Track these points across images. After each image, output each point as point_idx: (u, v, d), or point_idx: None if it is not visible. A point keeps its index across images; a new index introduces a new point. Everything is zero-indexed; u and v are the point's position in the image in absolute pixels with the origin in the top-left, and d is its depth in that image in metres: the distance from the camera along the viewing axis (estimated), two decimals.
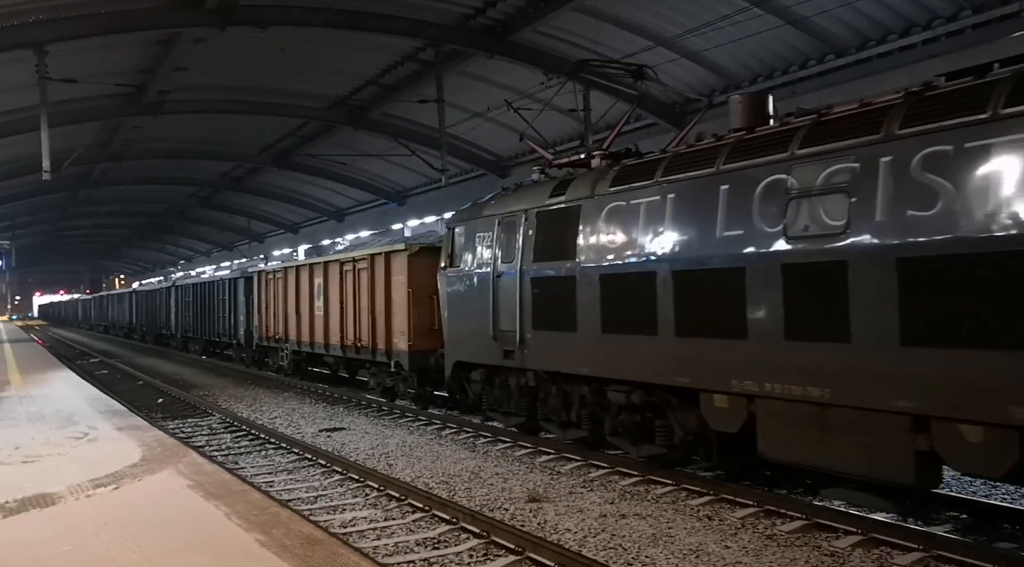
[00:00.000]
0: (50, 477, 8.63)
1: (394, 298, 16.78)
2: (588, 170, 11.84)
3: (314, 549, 6.04)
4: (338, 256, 20.19)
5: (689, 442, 9.94)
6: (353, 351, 18.66)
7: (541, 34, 22.16)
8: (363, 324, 18.03)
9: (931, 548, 7.30)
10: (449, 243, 14.18)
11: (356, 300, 18.40)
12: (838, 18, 17.67)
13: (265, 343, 24.91)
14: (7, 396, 16.20)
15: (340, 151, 34.41)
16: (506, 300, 12.40)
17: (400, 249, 16.76)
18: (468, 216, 13.77)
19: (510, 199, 12.83)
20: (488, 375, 13.42)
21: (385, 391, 17.83)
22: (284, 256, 54.20)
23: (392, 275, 16.90)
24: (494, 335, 12.62)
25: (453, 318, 13.97)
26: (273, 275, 24.12)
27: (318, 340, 20.69)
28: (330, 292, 19.88)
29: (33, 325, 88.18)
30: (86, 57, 23.02)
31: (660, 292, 9.68)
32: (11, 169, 35.04)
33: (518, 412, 12.91)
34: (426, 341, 15.87)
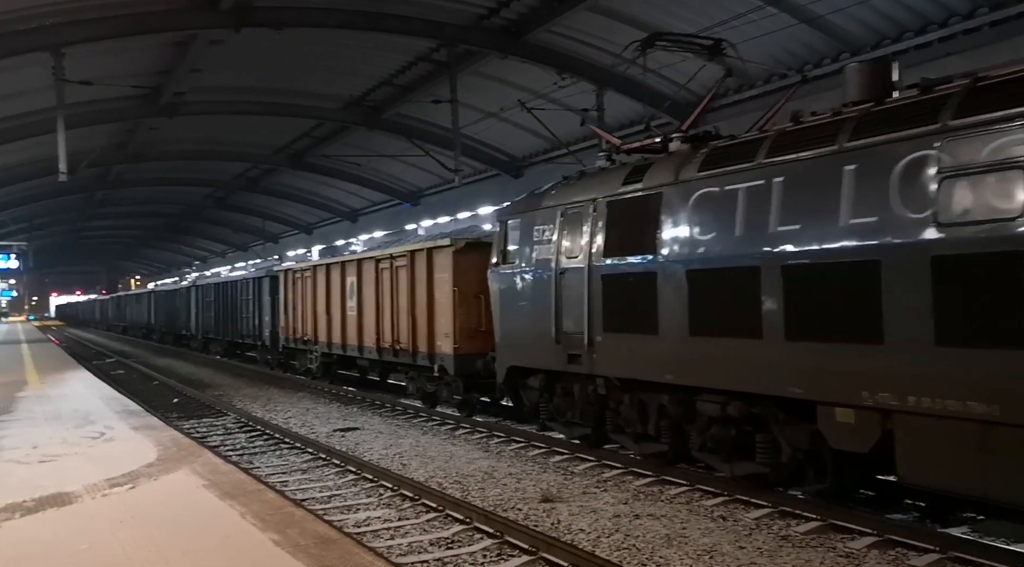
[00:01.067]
0: (67, 476, 8.69)
1: (437, 298, 15.78)
2: (667, 154, 10.65)
3: (328, 548, 6.06)
4: (373, 253, 19.14)
5: (798, 461, 8.76)
6: (390, 354, 17.68)
7: (555, 34, 22.14)
8: (402, 325, 17.04)
9: (947, 549, 7.25)
10: (502, 238, 13.09)
11: (394, 300, 17.41)
12: (853, 16, 17.56)
13: (292, 345, 23.92)
14: (25, 396, 16.33)
15: (354, 152, 34.50)
16: (571, 299, 11.30)
17: (444, 245, 15.68)
18: (524, 208, 12.70)
19: (574, 188, 11.70)
20: (548, 382, 12.28)
21: (425, 397, 16.82)
22: (298, 257, 54.35)
23: (435, 273, 15.88)
24: (556, 338, 11.53)
25: (507, 319, 12.89)
26: (301, 274, 23.07)
27: (351, 342, 19.72)
28: (364, 291, 18.88)
29: (50, 325, 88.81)
30: (102, 59, 23.17)
31: (766, 290, 8.48)
32: (29, 171, 35.30)
33: (583, 423, 11.81)
34: (473, 344, 14.87)
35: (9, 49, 19.79)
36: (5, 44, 19.58)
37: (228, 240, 67.74)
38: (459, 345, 15.01)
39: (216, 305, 32.85)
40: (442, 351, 15.53)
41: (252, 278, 28.51)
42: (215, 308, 33.02)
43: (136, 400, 16.97)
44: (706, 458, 9.90)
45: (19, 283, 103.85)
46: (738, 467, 9.41)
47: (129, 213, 59.87)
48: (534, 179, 30.66)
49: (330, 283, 20.93)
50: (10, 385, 18.36)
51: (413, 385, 17.36)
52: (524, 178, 31.55)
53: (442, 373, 15.66)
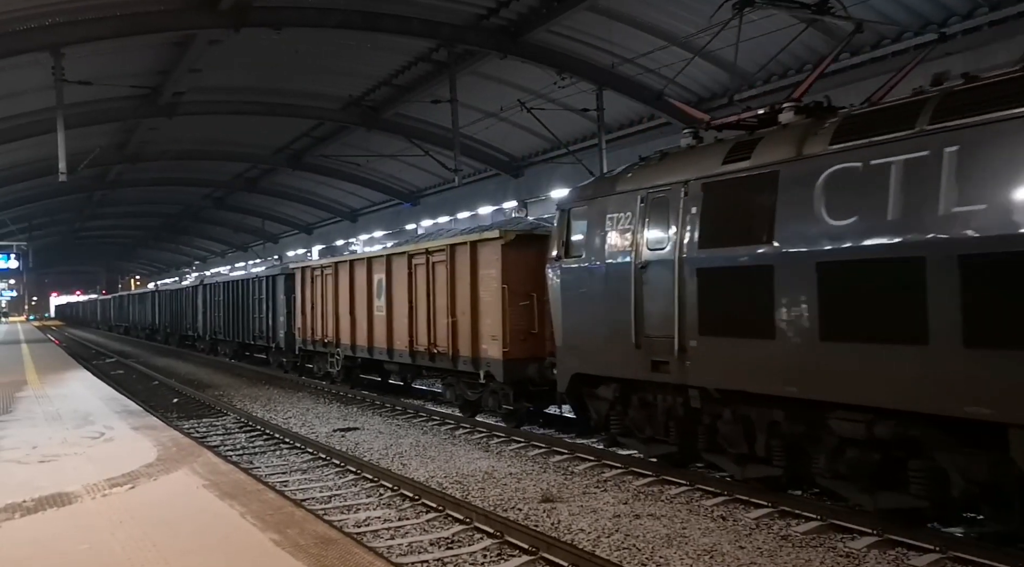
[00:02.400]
0: (67, 476, 8.68)
1: (483, 296, 14.37)
2: (779, 127, 9.23)
3: (328, 548, 6.06)
4: (405, 248, 17.56)
5: (970, 494, 7.24)
6: (426, 358, 16.24)
7: (554, 34, 22.15)
8: (439, 327, 15.70)
9: (947, 549, 7.25)
10: (564, 228, 11.65)
11: (430, 299, 16.03)
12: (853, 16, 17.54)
13: (310, 347, 22.45)
14: (24, 396, 16.32)
15: (354, 152, 34.50)
16: (656, 297, 9.89)
17: (491, 237, 14.18)
18: (593, 194, 11.26)
19: (658, 170, 10.30)
20: (623, 391, 10.84)
21: (465, 405, 15.51)
22: (298, 257, 54.35)
23: (480, 268, 14.44)
24: (636, 342, 10.09)
25: (571, 321, 11.41)
26: (321, 271, 21.61)
27: (378, 344, 18.31)
28: (395, 289, 17.51)
29: (50, 325, 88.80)
30: (102, 59, 23.17)
31: (935, 284, 7.00)
32: (28, 171, 35.31)
33: (667, 439, 10.34)
34: (524, 348, 13.59)
35: (9, 49, 19.79)
36: (4, 44, 19.57)
37: (227, 240, 67.74)
38: (509, 349, 13.63)
39: (226, 305, 31.46)
40: (489, 355, 14.15)
41: (266, 276, 27.03)
42: (224, 308, 31.61)
43: (136, 400, 16.97)
44: (835, 486, 8.40)
45: (19, 283, 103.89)
46: (883, 499, 7.89)
47: (128, 213, 59.87)
48: (533, 179, 30.72)
49: (354, 281, 19.52)
50: (10, 385, 18.35)
51: (451, 392, 15.97)
52: (523, 178, 31.57)
53: (488, 380, 14.26)
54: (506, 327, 13.71)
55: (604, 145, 24.62)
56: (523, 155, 31.43)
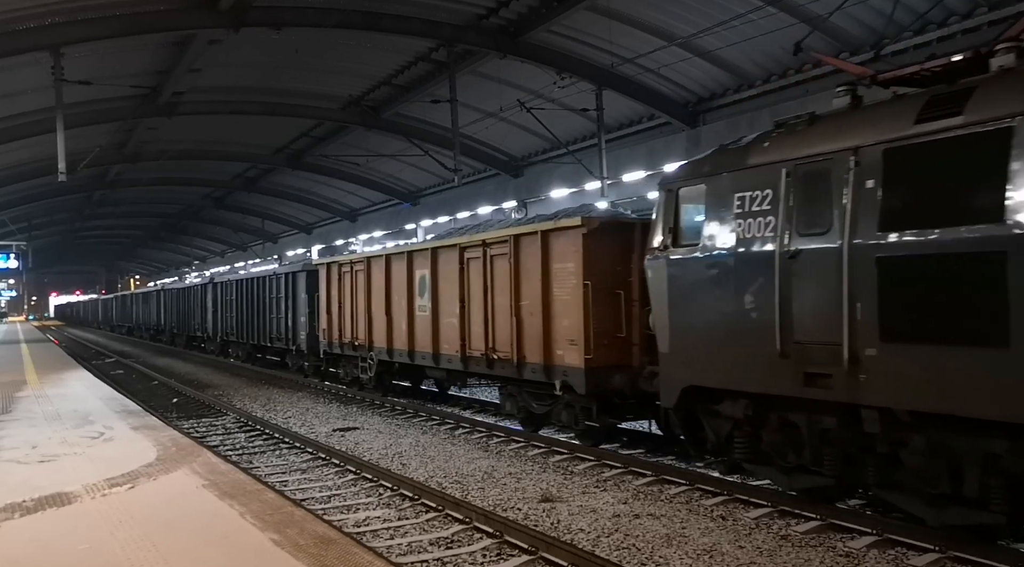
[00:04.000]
0: (67, 476, 8.69)
1: (556, 294, 12.58)
2: (998, 73, 7.30)
3: (328, 548, 6.06)
4: (456, 239, 15.64)
5: None
6: (482, 365, 14.54)
7: (554, 34, 22.16)
8: (500, 330, 13.97)
9: (947, 549, 7.25)
10: (670, 212, 9.88)
11: (488, 297, 14.29)
12: (852, 16, 17.56)
13: (336, 350, 20.62)
14: (24, 396, 16.32)
15: (353, 151, 34.51)
16: (811, 294, 8.08)
17: (569, 225, 12.29)
18: (712, 169, 9.41)
19: (809, 136, 8.46)
20: (757, 409, 8.96)
21: (529, 418, 13.75)
22: (298, 257, 54.34)
23: (553, 262, 12.64)
24: (782, 349, 8.25)
25: (683, 322, 9.62)
26: (350, 267, 19.77)
27: (421, 348, 16.63)
28: (442, 287, 15.82)
29: (49, 325, 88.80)
30: (101, 59, 23.17)
31: None
32: (28, 171, 35.33)
33: (820, 469, 8.45)
34: (610, 354, 11.81)
35: (8, 49, 19.80)
36: (4, 44, 19.58)
37: (227, 240, 67.73)
38: (592, 356, 11.79)
39: (238, 304, 29.54)
40: (566, 363, 12.26)
41: (285, 273, 25.15)
42: (237, 308, 29.73)
43: (135, 400, 16.97)
44: None
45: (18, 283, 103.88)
46: None
47: (128, 213, 59.86)
48: (533, 179, 30.73)
49: (391, 277, 17.76)
50: (9, 385, 18.35)
51: (512, 403, 14.12)
52: (523, 178, 31.59)
53: (565, 391, 12.40)
54: (589, 330, 11.83)
55: (604, 145, 24.63)
56: (523, 155, 31.45)
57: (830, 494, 8.73)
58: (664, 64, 21.29)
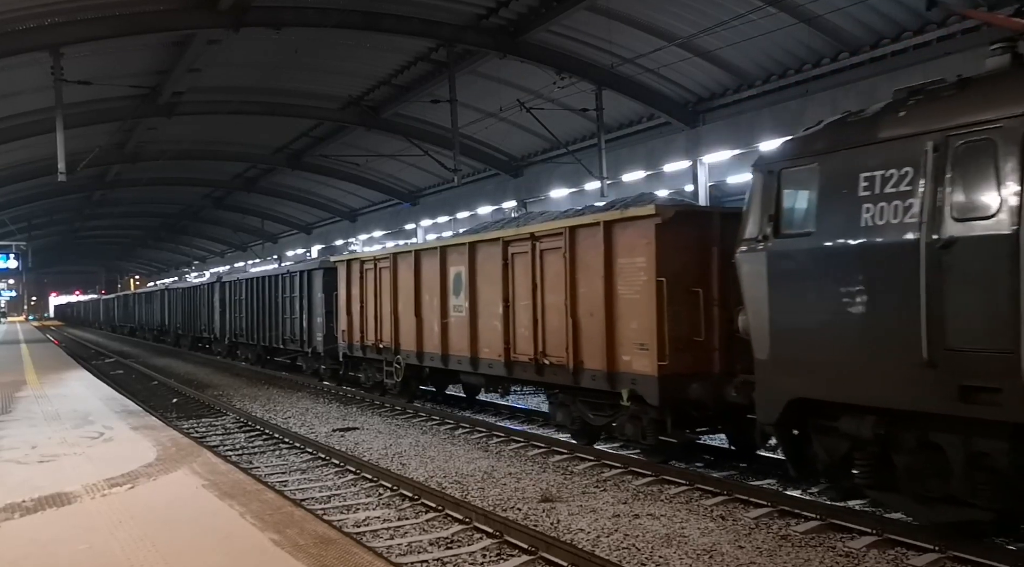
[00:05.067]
0: (66, 476, 8.69)
1: (621, 292, 11.23)
2: None
3: (328, 548, 6.06)
4: (499, 232, 14.36)
5: None
6: (530, 370, 13.18)
7: (554, 34, 22.15)
8: (552, 332, 12.62)
9: (947, 549, 7.26)
10: (771, 197, 8.53)
11: (537, 296, 12.94)
12: (852, 16, 17.57)
13: (357, 353, 19.43)
14: (24, 396, 16.32)
15: (353, 152, 34.51)
16: (971, 291, 6.81)
17: (639, 215, 10.92)
18: (828, 145, 8.11)
19: (960, 103, 7.18)
20: (891, 428, 7.63)
21: (583, 429, 12.45)
22: (297, 257, 54.32)
23: (618, 256, 11.26)
24: (930, 357, 6.94)
25: (789, 323, 8.33)
26: (374, 264, 18.55)
27: (456, 352, 15.35)
28: (481, 285, 14.55)
29: (49, 325, 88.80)
30: (101, 59, 23.17)
31: None
32: (27, 171, 35.32)
33: (973, 500, 7.17)
34: (686, 360, 10.54)
35: (7, 49, 19.79)
36: (3, 44, 19.57)
37: (227, 240, 67.73)
38: (668, 362, 10.48)
39: (248, 304, 28.19)
40: (634, 370, 10.95)
41: (300, 271, 23.87)
42: (247, 308, 28.34)
43: (135, 400, 16.98)
44: None
45: (18, 283, 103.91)
46: None
47: (127, 213, 59.86)
48: (533, 178, 30.74)
49: (421, 275, 16.55)
50: (9, 385, 18.35)
51: (564, 413, 12.75)
52: (523, 178, 31.59)
53: (634, 401, 11.02)
54: (663, 333, 10.50)
55: (604, 145, 24.63)
56: (522, 155, 31.44)
57: (984, 529, 7.46)
58: (664, 64, 21.28)
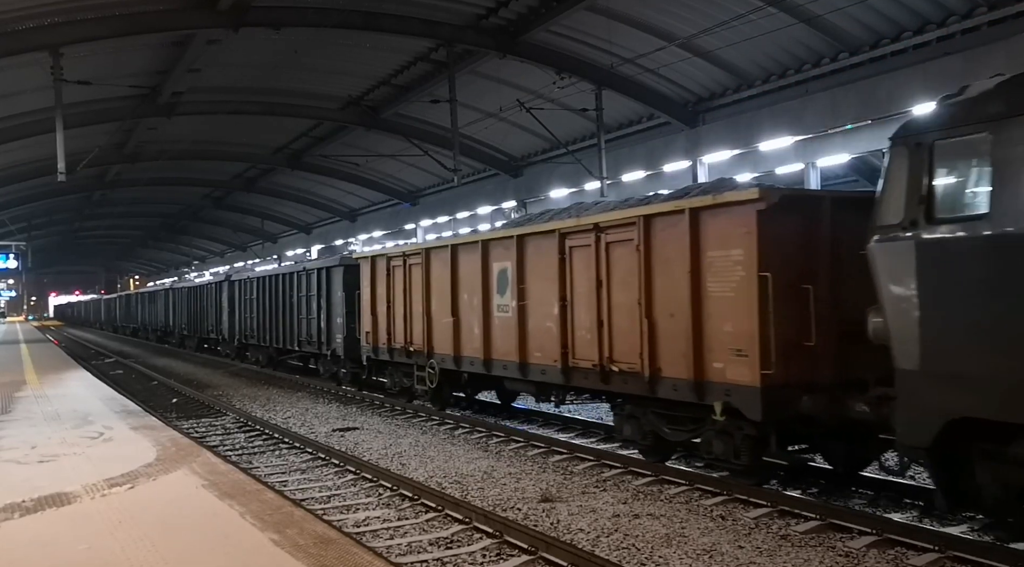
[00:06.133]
0: (66, 476, 8.68)
1: (712, 289, 9.77)
2: None
3: (327, 548, 6.06)
4: (554, 224, 12.74)
5: None
6: (592, 378, 11.70)
7: (553, 34, 22.18)
8: (620, 334, 11.15)
9: (947, 549, 7.25)
10: (920, 175, 7.19)
11: (603, 294, 11.46)
12: (851, 16, 17.59)
13: (383, 357, 18.02)
14: (24, 396, 16.31)
15: (353, 152, 34.54)
16: None
17: (738, 200, 9.42)
18: (1007, 109, 6.70)
19: None
20: None
21: (657, 444, 11.07)
22: (297, 256, 54.34)
23: (708, 248, 9.80)
24: None
25: (949, 327, 6.97)
26: (403, 259, 17.11)
27: (501, 356, 13.91)
28: (531, 281, 13.14)
29: (49, 325, 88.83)
30: (101, 59, 23.19)
31: None
32: (27, 171, 35.36)
33: None
34: (796, 368, 9.11)
35: (7, 49, 19.82)
36: (3, 44, 19.60)
37: (227, 240, 67.79)
38: (774, 371, 9.05)
39: (260, 304, 26.73)
40: (729, 379, 9.53)
41: (318, 268, 22.45)
42: (259, 307, 26.87)
43: (135, 400, 16.98)
44: None
45: (17, 283, 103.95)
46: None
47: (127, 213, 59.93)
48: (533, 178, 30.76)
49: (458, 271, 15.19)
50: (9, 385, 18.34)
51: (634, 426, 11.31)
52: (523, 178, 31.61)
53: (731, 416, 9.53)
54: (767, 337, 9.07)
55: (603, 145, 24.64)
56: (522, 155, 31.46)
57: None
58: (664, 64, 21.30)
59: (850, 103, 18.72)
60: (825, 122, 19.41)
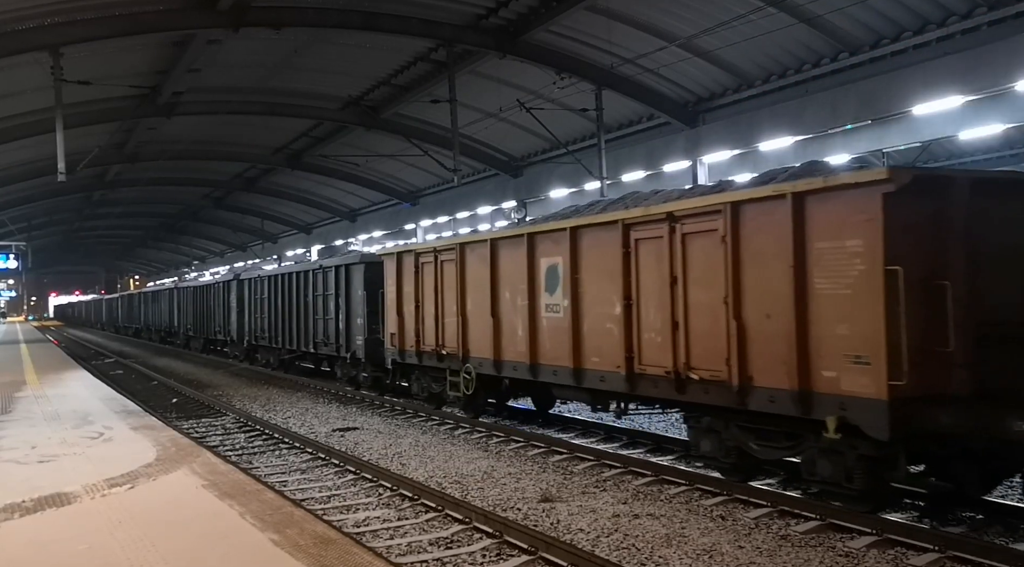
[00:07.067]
0: (66, 476, 8.68)
1: (820, 286, 8.42)
2: None
3: (327, 548, 6.06)
4: (617, 214, 11.32)
5: None
6: (664, 386, 10.38)
7: (553, 34, 22.17)
8: (701, 337, 9.87)
9: (946, 549, 7.26)
10: None
11: (678, 291, 10.15)
12: (852, 16, 17.58)
13: (411, 360, 16.77)
14: (24, 396, 16.31)
15: (353, 152, 34.54)
16: None
17: (856, 182, 8.08)
18: None
19: None
20: None
21: (740, 465, 9.83)
22: (297, 257, 54.33)
23: (815, 238, 8.46)
24: None
25: None
26: (434, 256, 15.90)
27: (551, 361, 12.59)
28: (588, 278, 11.85)
29: (49, 325, 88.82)
30: (101, 59, 23.19)
31: None
32: (27, 171, 35.36)
33: None
34: (930, 378, 7.81)
35: (7, 49, 19.80)
36: (3, 44, 19.58)
37: (226, 240, 67.78)
38: (906, 381, 7.67)
39: (272, 303, 25.68)
40: (844, 390, 8.13)
41: (336, 266, 21.32)
42: (271, 307, 25.86)
43: (135, 400, 16.98)
44: None
45: (17, 283, 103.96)
46: None
47: (127, 213, 59.93)
48: (533, 179, 30.75)
49: (498, 268, 14.00)
50: (9, 385, 18.34)
51: (713, 443, 10.10)
52: (523, 178, 31.60)
53: (847, 435, 8.13)
54: (896, 342, 7.74)
55: (603, 145, 24.64)
56: (522, 155, 31.46)
57: None
58: (664, 64, 21.30)
59: (850, 103, 18.72)
60: (825, 122, 19.41)
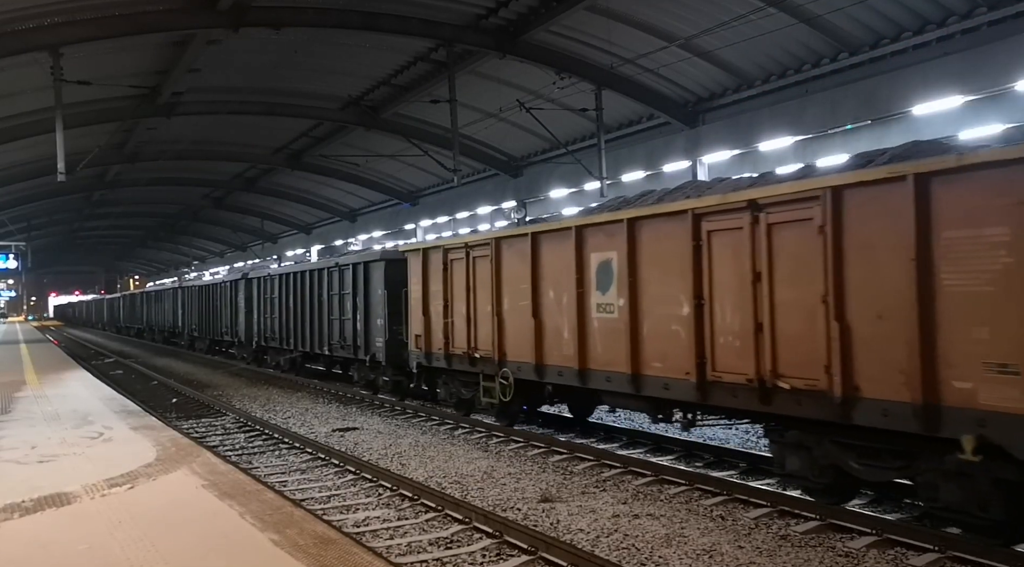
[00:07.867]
0: (66, 477, 8.68)
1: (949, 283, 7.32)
2: None
3: (327, 548, 6.06)
4: (686, 202, 10.20)
5: None
6: (746, 395, 9.25)
7: (553, 34, 22.17)
8: (791, 340, 8.74)
9: (946, 549, 7.26)
10: None
11: (761, 289, 9.01)
12: (852, 16, 17.58)
13: (439, 363, 15.67)
14: (23, 396, 16.31)
15: (353, 152, 34.54)
16: None
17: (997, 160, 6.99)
18: None
19: None
20: None
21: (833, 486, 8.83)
22: (297, 257, 54.33)
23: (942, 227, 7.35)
24: None
25: None
26: (465, 252, 14.73)
27: (604, 366, 11.47)
28: (648, 274, 10.73)
29: (49, 326, 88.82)
30: (100, 59, 23.18)
31: None
32: (27, 171, 35.35)
33: None
34: None
35: (7, 49, 19.79)
36: (3, 44, 19.57)
37: (226, 240, 67.77)
38: None
39: (283, 303, 24.77)
40: (984, 404, 7.04)
41: (354, 264, 20.11)
42: (281, 307, 24.93)
43: (135, 400, 16.99)
44: None
45: (17, 283, 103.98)
46: None
47: (127, 213, 59.93)
48: (532, 179, 30.75)
49: (540, 264, 12.86)
50: (8, 385, 18.34)
51: (802, 460, 9.03)
52: (522, 178, 31.60)
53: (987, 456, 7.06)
54: None
55: (603, 145, 24.64)
56: (522, 155, 31.46)
57: None
58: (664, 64, 21.29)
59: (850, 103, 18.73)
60: (825, 122, 19.41)
